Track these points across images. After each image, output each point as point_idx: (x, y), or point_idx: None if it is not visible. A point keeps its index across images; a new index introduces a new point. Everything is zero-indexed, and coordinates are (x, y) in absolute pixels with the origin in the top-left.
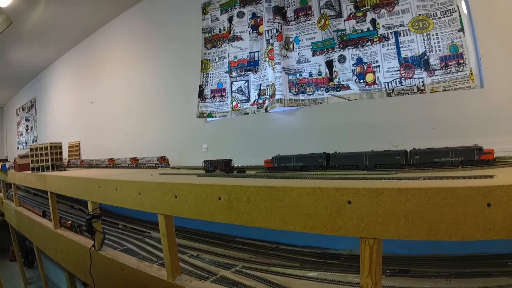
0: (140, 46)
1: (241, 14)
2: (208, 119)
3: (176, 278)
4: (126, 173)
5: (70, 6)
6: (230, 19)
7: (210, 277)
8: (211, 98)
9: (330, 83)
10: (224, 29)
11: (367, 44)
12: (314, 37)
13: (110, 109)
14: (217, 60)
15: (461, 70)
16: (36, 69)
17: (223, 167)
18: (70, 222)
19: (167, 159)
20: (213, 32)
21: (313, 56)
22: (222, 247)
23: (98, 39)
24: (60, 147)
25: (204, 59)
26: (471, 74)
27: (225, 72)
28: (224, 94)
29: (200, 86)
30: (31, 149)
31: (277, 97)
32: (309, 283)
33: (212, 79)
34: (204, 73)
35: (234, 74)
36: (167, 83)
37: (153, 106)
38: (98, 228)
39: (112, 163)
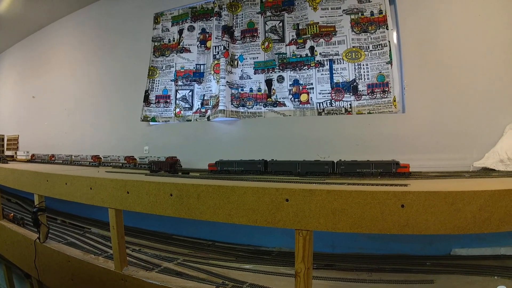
0: (88, 47)
1: (191, 28)
2: (151, 123)
3: (123, 268)
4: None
5: None
6: (180, 31)
7: (155, 268)
8: (155, 103)
9: (268, 99)
10: (174, 40)
11: (304, 68)
12: (257, 57)
13: (52, 105)
14: (164, 68)
15: (385, 96)
16: None
17: (167, 168)
18: (12, 214)
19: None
20: (163, 42)
21: (254, 74)
22: (161, 243)
23: (46, 36)
24: (3, 139)
25: (152, 66)
26: (394, 101)
27: (171, 80)
28: (168, 100)
29: (146, 91)
30: None
31: (220, 108)
32: (246, 274)
33: (158, 86)
34: (151, 79)
35: (179, 83)
36: (112, 85)
37: (97, 106)
38: (43, 221)
39: (98, 161)
